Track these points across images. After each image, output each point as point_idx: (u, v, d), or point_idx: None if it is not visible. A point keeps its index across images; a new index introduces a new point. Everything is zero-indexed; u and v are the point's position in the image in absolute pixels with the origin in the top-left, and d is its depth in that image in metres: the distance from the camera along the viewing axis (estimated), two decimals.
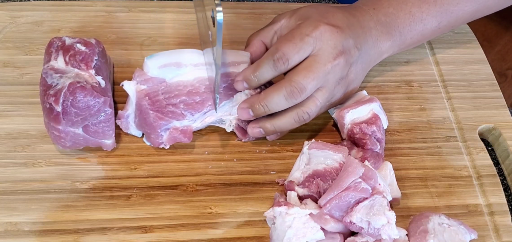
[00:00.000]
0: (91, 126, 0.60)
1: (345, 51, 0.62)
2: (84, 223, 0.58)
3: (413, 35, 0.69)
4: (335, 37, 0.61)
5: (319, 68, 0.60)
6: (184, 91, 0.63)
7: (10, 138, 0.64)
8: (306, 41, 0.60)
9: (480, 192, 0.65)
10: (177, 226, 0.59)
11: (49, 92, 0.58)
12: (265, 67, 0.61)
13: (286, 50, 0.60)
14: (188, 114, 0.63)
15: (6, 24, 0.75)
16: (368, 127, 0.64)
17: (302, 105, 0.62)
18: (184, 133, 0.63)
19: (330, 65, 0.61)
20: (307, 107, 0.62)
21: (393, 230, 0.54)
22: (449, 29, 0.71)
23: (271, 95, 0.61)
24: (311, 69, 0.60)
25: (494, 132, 0.72)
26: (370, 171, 0.56)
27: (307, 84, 0.60)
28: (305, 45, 0.60)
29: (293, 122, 0.63)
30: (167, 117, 0.62)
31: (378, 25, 0.67)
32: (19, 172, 0.62)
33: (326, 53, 0.61)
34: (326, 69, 0.60)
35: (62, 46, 0.62)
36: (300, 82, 0.60)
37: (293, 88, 0.60)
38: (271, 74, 0.62)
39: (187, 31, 0.78)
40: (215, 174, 0.64)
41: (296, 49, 0.60)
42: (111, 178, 0.62)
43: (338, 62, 0.61)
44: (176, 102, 0.62)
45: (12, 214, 0.58)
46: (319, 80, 0.60)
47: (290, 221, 0.55)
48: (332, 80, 0.62)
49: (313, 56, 0.61)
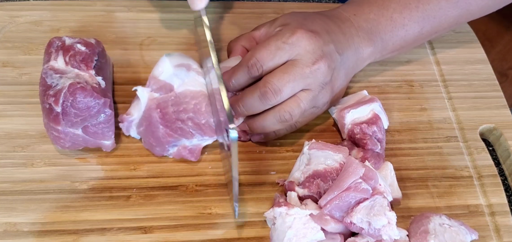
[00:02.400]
0: (90, 127, 0.60)
1: (326, 55, 0.61)
2: (83, 224, 0.58)
3: (395, 41, 0.69)
4: (313, 43, 0.61)
5: (296, 71, 0.60)
6: (191, 105, 0.62)
7: (9, 138, 0.64)
8: (282, 48, 0.60)
9: (481, 193, 0.65)
10: (176, 227, 0.59)
11: (49, 92, 0.58)
12: (240, 73, 0.62)
13: (260, 56, 0.60)
14: (197, 134, 0.62)
15: (5, 24, 0.75)
16: (369, 127, 0.64)
17: (285, 105, 0.61)
18: (192, 152, 0.63)
19: (309, 70, 0.60)
20: (289, 107, 0.61)
21: (393, 230, 0.54)
22: (432, 34, 0.71)
23: (245, 97, 0.61)
24: (287, 71, 0.60)
25: (495, 132, 0.71)
26: (371, 171, 0.56)
27: (282, 86, 0.59)
28: (280, 52, 0.60)
29: (275, 122, 0.62)
30: (176, 134, 0.61)
31: (360, 32, 0.67)
32: (18, 172, 0.61)
33: (304, 58, 0.60)
34: (304, 73, 0.60)
35: (62, 46, 0.62)
36: (275, 84, 0.59)
37: (267, 89, 0.59)
38: (246, 80, 0.62)
39: (186, 31, 0.78)
40: (215, 175, 0.64)
41: (270, 55, 0.60)
42: (111, 178, 0.62)
43: (319, 66, 0.60)
44: (184, 118, 0.61)
45: (11, 214, 0.58)
46: (295, 82, 0.60)
47: (290, 222, 0.55)
48: (315, 84, 0.61)
49: (291, 61, 0.60)
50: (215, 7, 0.82)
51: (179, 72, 0.64)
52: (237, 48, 0.68)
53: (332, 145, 0.62)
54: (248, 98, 0.61)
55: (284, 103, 0.61)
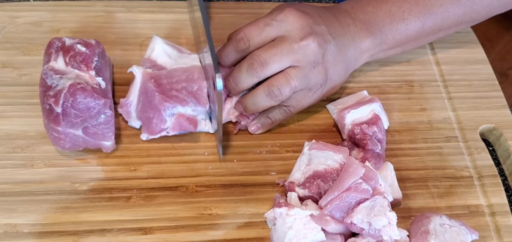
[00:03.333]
0: (91, 127, 0.60)
1: (315, 33, 0.61)
2: (83, 225, 0.58)
3: (395, 34, 0.68)
4: (302, 20, 0.61)
5: (283, 46, 0.60)
6: (183, 77, 0.64)
7: (9, 139, 0.64)
8: (270, 23, 0.61)
9: (481, 193, 0.65)
10: (177, 228, 0.59)
11: (49, 93, 0.58)
12: (229, 48, 0.63)
13: (248, 31, 0.61)
14: (191, 102, 0.63)
15: (5, 25, 0.75)
16: (369, 128, 0.64)
17: (274, 80, 0.61)
18: (190, 120, 0.63)
19: (297, 45, 0.60)
20: (278, 82, 0.61)
21: (394, 231, 0.54)
22: (437, 33, 0.70)
23: (234, 71, 0.62)
24: (274, 45, 0.60)
25: (495, 132, 0.71)
26: (371, 171, 0.56)
27: (269, 58, 0.60)
28: (268, 27, 0.61)
29: (264, 97, 0.62)
30: (171, 100, 0.62)
31: (356, 22, 0.67)
32: (18, 173, 0.61)
33: (292, 34, 0.61)
34: (292, 48, 0.60)
35: (62, 46, 0.62)
36: (261, 56, 0.60)
37: (253, 60, 0.60)
38: (234, 54, 0.63)
39: (186, 31, 0.78)
40: (215, 175, 0.64)
41: (258, 30, 0.61)
42: (111, 179, 0.62)
43: (307, 42, 0.61)
44: (178, 88, 0.63)
45: (11, 215, 0.58)
46: (283, 56, 0.60)
47: (290, 222, 0.55)
48: (305, 61, 0.61)
49: (280, 37, 0.61)
50: (213, 7, 0.82)
51: (171, 52, 0.66)
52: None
53: (332, 146, 0.62)
54: (236, 72, 0.62)
55: (273, 78, 0.61)
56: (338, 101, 0.70)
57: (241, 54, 0.62)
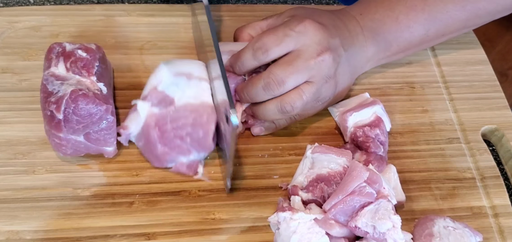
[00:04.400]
0: (92, 133, 0.59)
1: (331, 48, 0.61)
2: (86, 231, 0.58)
3: (399, 42, 0.69)
4: (320, 34, 0.61)
5: (300, 63, 0.60)
6: (190, 120, 0.61)
7: (10, 145, 0.63)
8: (289, 34, 0.60)
9: (484, 194, 0.65)
10: (180, 233, 0.59)
11: (50, 99, 0.58)
12: (246, 56, 0.62)
13: (267, 40, 0.60)
14: (194, 151, 0.62)
15: (4, 30, 0.74)
16: (371, 130, 0.64)
17: (287, 96, 0.60)
18: (190, 168, 0.62)
19: (314, 61, 0.60)
20: (290, 98, 0.60)
21: (398, 234, 0.54)
22: (439, 37, 0.70)
23: (249, 85, 0.62)
24: (291, 63, 0.60)
25: (497, 133, 0.71)
26: (375, 175, 0.56)
27: (286, 77, 0.59)
28: (287, 39, 0.60)
29: (276, 112, 0.61)
30: (174, 152, 0.61)
31: (365, 31, 0.67)
32: (20, 179, 0.61)
33: (310, 49, 0.60)
34: (309, 65, 0.60)
35: (62, 52, 0.62)
36: (278, 75, 0.59)
37: (270, 80, 0.59)
38: (251, 63, 0.62)
39: (186, 35, 0.77)
40: (218, 179, 0.64)
41: (277, 41, 0.60)
42: (113, 184, 0.62)
43: (323, 58, 0.60)
44: (182, 135, 0.61)
45: (14, 222, 0.58)
46: (299, 74, 0.60)
47: (294, 227, 0.55)
48: (319, 76, 0.61)
49: (297, 51, 0.60)
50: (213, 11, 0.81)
51: (179, 81, 0.62)
52: (244, 36, 0.68)
53: (335, 149, 0.62)
54: (251, 87, 0.61)
55: (286, 94, 0.61)
56: (340, 103, 0.70)
57: (257, 63, 0.61)
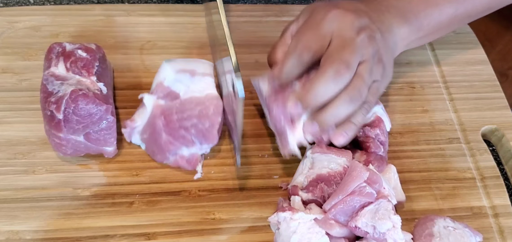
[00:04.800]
0: (92, 133, 0.59)
1: (364, 27, 0.60)
2: (86, 231, 0.58)
3: (429, 21, 0.67)
4: (349, 17, 0.59)
5: (348, 43, 0.57)
6: (196, 112, 0.61)
7: (10, 145, 0.63)
8: (322, 25, 0.59)
9: (484, 194, 0.65)
10: (180, 233, 0.59)
11: (50, 99, 0.58)
12: (291, 61, 0.59)
13: (306, 39, 0.59)
14: (198, 142, 0.62)
15: (4, 30, 0.74)
16: (371, 130, 0.64)
17: (351, 85, 0.57)
18: (189, 162, 0.62)
19: (358, 40, 0.58)
20: (355, 84, 0.57)
21: (398, 234, 0.54)
22: (466, 18, 0.70)
23: (317, 82, 0.56)
24: (343, 44, 0.57)
25: (497, 133, 0.71)
26: (375, 175, 0.56)
27: (349, 57, 0.56)
28: (322, 29, 0.59)
29: (347, 105, 0.57)
30: (178, 142, 0.61)
31: (391, 9, 0.65)
32: (20, 179, 0.61)
33: (347, 30, 0.58)
34: (356, 43, 0.57)
35: (62, 52, 0.62)
36: (343, 56, 0.56)
37: (338, 64, 0.56)
38: (298, 69, 0.59)
39: (186, 35, 0.77)
40: (218, 179, 0.64)
41: (315, 35, 0.59)
42: (113, 184, 0.62)
43: (363, 37, 0.58)
44: (188, 126, 0.61)
45: (13, 222, 0.58)
46: (356, 52, 0.57)
47: (294, 227, 0.55)
48: (367, 55, 0.58)
49: (337, 37, 0.58)
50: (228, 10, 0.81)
51: (183, 77, 0.63)
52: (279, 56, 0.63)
53: (335, 149, 0.62)
54: (320, 82, 0.56)
55: (350, 83, 0.57)
56: None
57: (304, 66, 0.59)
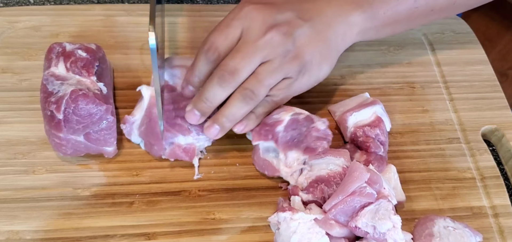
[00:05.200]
0: (92, 133, 0.59)
1: (279, 23, 0.59)
2: (86, 231, 0.58)
3: (386, 10, 0.64)
4: (264, 13, 0.59)
5: (248, 46, 0.58)
6: None
7: (10, 145, 0.63)
8: (232, 24, 0.59)
9: (484, 194, 0.65)
10: (180, 233, 0.59)
11: (50, 99, 0.58)
12: (200, 62, 0.60)
13: (213, 38, 0.59)
14: (194, 131, 0.62)
15: (4, 30, 0.74)
16: (371, 130, 0.64)
17: (245, 84, 0.59)
18: (187, 152, 0.62)
19: (262, 41, 0.58)
20: (250, 84, 0.59)
21: (398, 234, 0.54)
22: (429, 14, 0.67)
23: (206, 86, 0.59)
24: (239, 49, 0.58)
25: (497, 133, 0.71)
26: (375, 175, 0.56)
27: (237, 64, 0.57)
28: (231, 29, 0.59)
29: (240, 104, 0.59)
30: (174, 129, 0.61)
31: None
32: (20, 179, 0.61)
33: (255, 30, 0.58)
34: (257, 46, 0.58)
35: (62, 52, 0.62)
36: (229, 64, 0.58)
37: (223, 72, 0.58)
38: (206, 67, 0.60)
39: (185, 35, 0.77)
40: (218, 179, 0.64)
41: (222, 35, 0.59)
42: (113, 184, 0.62)
43: (271, 35, 0.58)
44: (183, 115, 0.61)
45: (13, 222, 0.58)
46: (250, 57, 0.58)
47: (294, 227, 0.55)
48: (272, 55, 0.58)
49: (243, 37, 0.59)
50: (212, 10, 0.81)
51: (177, 72, 0.64)
52: None
53: (332, 150, 0.61)
54: (208, 88, 0.59)
55: (244, 82, 0.59)
56: (340, 103, 0.70)
57: (212, 65, 0.60)
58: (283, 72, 0.60)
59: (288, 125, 0.61)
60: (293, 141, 0.61)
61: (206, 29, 0.78)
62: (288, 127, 0.61)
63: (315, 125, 0.60)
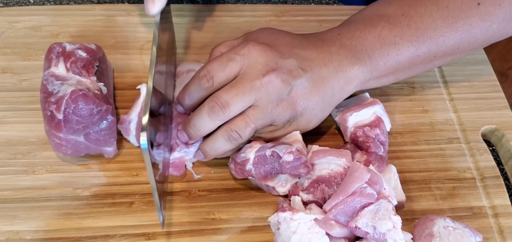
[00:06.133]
0: (92, 133, 0.59)
1: (280, 69, 0.59)
2: (86, 231, 0.58)
3: (386, 60, 0.63)
4: (267, 55, 0.59)
5: (244, 83, 0.58)
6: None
7: (10, 145, 0.63)
8: (233, 58, 0.59)
9: (484, 194, 0.65)
10: (180, 233, 0.59)
11: (50, 99, 0.58)
12: (192, 87, 0.60)
13: (211, 67, 0.59)
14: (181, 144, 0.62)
15: (4, 30, 0.74)
16: (372, 130, 0.64)
17: (232, 123, 0.59)
18: (175, 167, 0.62)
19: (259, 82, 0.58)
20: (236, 125, 0.58)
21: (398, 234, 0.54)
22: (432, 60, 0.65)
23: (196, 114, 0.59)
24: (235, 85, 0.58)
25: (497, 133, 0.71)
26: (376, 176, 0.56)
27: (230, 99, 0.57)
28: (231, 63, 0.58)
29: (224, 142, 0.59)
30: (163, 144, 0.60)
31: (341, 49, 0.63)
32: (20, 179, 0.61)
33: (254, 70, 0.58)
34: (254, 86, 0.58)
35: (62, 52, 0.62)
36: (222, 97, 0.57)
37: (214, 103, 0.57)
38: (198, 93, 0.60)
39: (186, 35, 0.78)
40: (218, 179, 0.64)
41: (221, 67, 0.59)
42: (113, 184, 0.62)
43: (270, 79, 0.58)
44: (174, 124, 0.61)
45: (14, 222, 0.58)
46: (244, 96, 0.58)
47: (295, 227, 0.55)
48: (266, 99, 0.58)
49: (241, 74, 0.59)
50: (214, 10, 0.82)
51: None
52: (216, 53, 0.64)
53: (334, 150, 0.61)
54: (197, 116, 0.59)
55: (232, 121, 0.59)
56: (340, 104, 0.69)
57: (204, 92, 0.60)
58: (271, 118, 0.60)
59: (255, 162, 0.60)
60: (272, 173, 0.60)
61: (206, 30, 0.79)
62: (257, 164, 0.60)
63: (283, 159, 0.58)
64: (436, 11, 0.63)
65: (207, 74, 0.59)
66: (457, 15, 0.63)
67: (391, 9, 0.65)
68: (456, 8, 0.63)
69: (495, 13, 0.62)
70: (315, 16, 0.83)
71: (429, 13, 0.63)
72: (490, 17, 0.62)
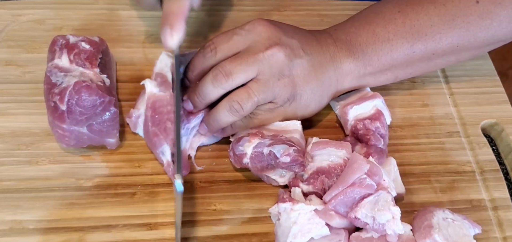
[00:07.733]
0: (95, 125, 0.60)
1: (283, 44, 0.60)
2: (89, 221, 0.58)
3: (380, 56, 0.64)
4: (270, 30, 0.61)
5: (248, 55, 0.59)
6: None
7: (13, 136, 0.64)
8: (238, 33, 0.61)
9: (483, 187, 0.65)
10: (181, 223, 0.59)
11: (53, 90, 0.58)
12: (198, 58, 0.62)
13: (216, 39, 0.61)
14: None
15: (8, 23, 0.75)
16: (372, 123, 0.64)
17: (235, 94, 0.60)
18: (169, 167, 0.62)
19: (262, 54, 0.59)
20: (238, 96, 0.59)
21: (398, 225, 0.54)
22: (431, 57, 0.66)
23: (200, 83, 0.61)
24: (239, 56, 0.60)
25: (497, 127, 0.72)
26: (375, 167, 0.56)
27: (233, 68, 0.59)
28: (236, 36, 0.60)
29: (226, 113, 0.60)
30: (161, 135, 0.61)
31: (337, 42, 0.65)
32: (23, 170, 0.62)
33: (259, 44, 0.60)
34: (257, 58, 0.59)
35: (66, 44, 0.62)
36: (225, 66, 0.59)
37: (218, 71, 0.59)
38: (202, 64, 0.62)
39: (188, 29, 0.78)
40: (219, 171, 0.64)
41: (225, 39, 0.61)
42: (115, 175, 0.62)
43: (273, 52, 0.59)
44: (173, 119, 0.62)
45: (17, 212, 0.58)
46: (247, 67, 0.59)
47: (295, 217, 0.55)
48: (269, 72, 0.59)
49: (246, 47, 0.60)
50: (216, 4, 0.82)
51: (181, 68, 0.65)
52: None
53: (334, 142, 0.62)
54: (202, 84, 0.61)
55: (234, 92, 0.60)
56: (341, 97, 0.70)
57: (207, 63, 0.61)
58: (273, 94, 0.61)
59: (253, 157, 0.60)
60: (268, 167, 0.60)
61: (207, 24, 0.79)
62: (254, 159, 0.60)
63: (280, 160, 0.59)
64: (433, 9, 0.64)
65: (211, 45, 0.61)
66: (455, 13, 0.63)
67: (388, 7, 0.66)
68: (454, 6, 0.63)
69: (494, 11, 0.63)
70: (316, 10, 0.84)
71: (426, 11, 0.64)
72: (489, 15, 0.63)
